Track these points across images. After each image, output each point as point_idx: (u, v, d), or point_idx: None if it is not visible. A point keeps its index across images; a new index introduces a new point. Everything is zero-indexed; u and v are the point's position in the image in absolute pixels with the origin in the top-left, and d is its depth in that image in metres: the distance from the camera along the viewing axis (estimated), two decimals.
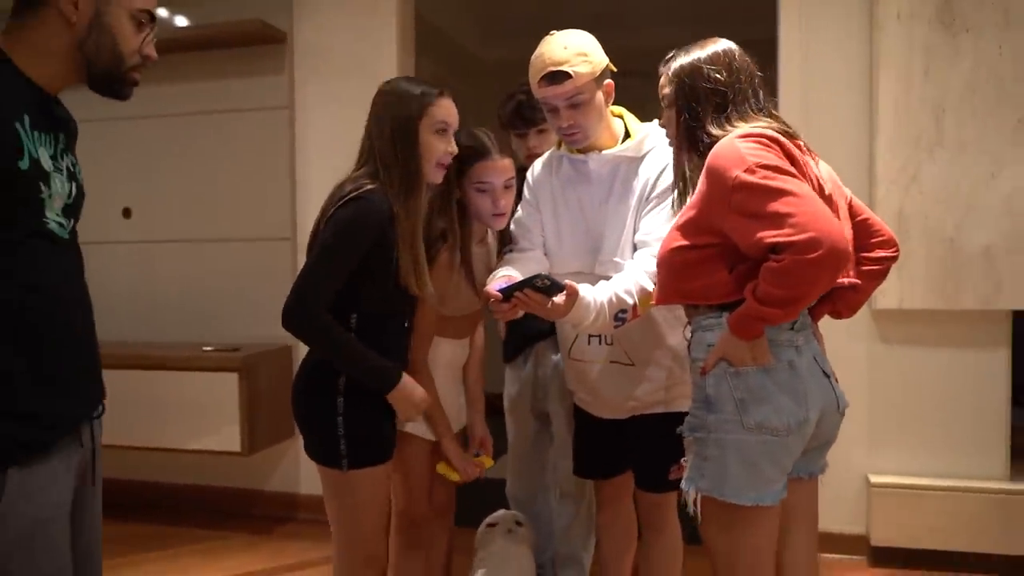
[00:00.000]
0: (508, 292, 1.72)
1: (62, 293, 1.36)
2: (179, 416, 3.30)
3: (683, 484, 1.60)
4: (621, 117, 2.03)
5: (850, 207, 1.73)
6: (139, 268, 3.75)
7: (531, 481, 2.59)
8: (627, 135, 1.98)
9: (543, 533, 2.55)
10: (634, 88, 2.42)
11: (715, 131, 1.58)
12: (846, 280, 1.65)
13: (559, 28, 1.92)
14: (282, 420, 3.45)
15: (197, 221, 3.66)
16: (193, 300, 3.66)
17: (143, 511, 3.62)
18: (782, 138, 1.53)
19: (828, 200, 1.57)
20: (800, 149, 1.58)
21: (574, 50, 1.85)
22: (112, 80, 1.39)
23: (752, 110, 1.60)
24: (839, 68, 2.98)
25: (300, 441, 3.66)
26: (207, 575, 2.96)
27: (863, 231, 1.73)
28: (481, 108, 3.29)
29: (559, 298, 1.72)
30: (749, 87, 1.63)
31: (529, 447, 2.57)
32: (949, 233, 2.80)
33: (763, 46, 3.31)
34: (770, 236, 1.40)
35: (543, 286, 1.68)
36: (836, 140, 2.97)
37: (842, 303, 1.74)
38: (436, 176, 1.84)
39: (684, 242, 1.56)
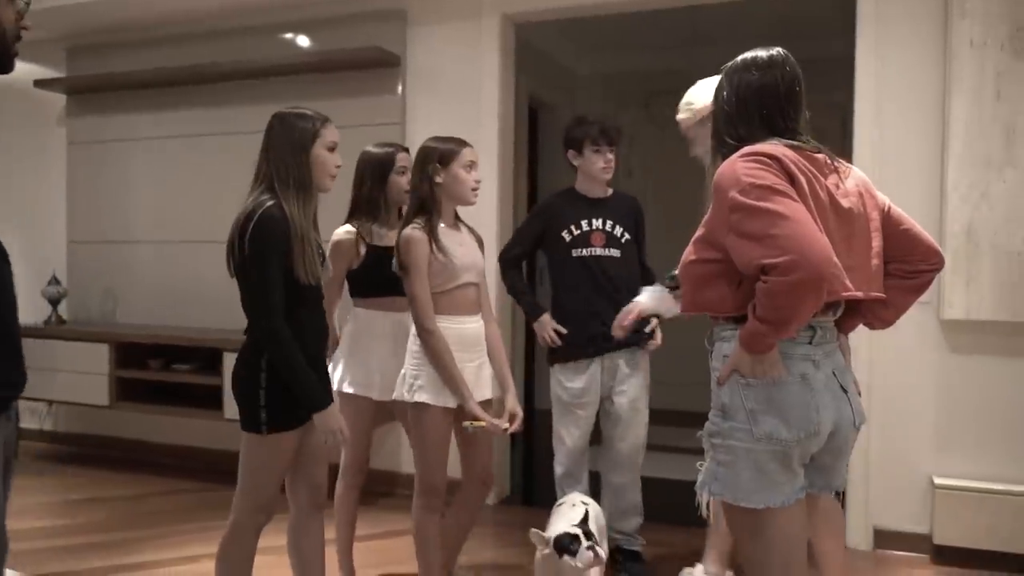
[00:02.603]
0: None
1: None
2: None
3: (697, 486, 1.68)
4: None
5: (890, 217, 1.72)
6: None
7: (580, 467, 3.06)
8: None
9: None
10: None
11: (728, 140, 1.65)
12: (860, 294, 1.62)
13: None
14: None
15: (322, 223, 4.09)
16: None
17: None
18: (787, 154, 1.55)
19: (848, 214, 1.60)
20: (815, 163, 1.60)
21: (684, 100, 2.57)
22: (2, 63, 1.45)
23: (757, 125, 1.63)
24: (913, 89, 3.15)
25: (401, 425, 3.94)
26: None
27: (904, 242, 1.72)
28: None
29: None
30: (761, 101, 1.63)
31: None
32: (1017, 247, 2.93)
33: (840, 63, 3.49)
34: (758, 257, 1.45)
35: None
36: (908, 157, 3.14)
37: (872, 316, 1.76)
38: (329, 185, 2.19)
39: (696, 256, 1.65)
